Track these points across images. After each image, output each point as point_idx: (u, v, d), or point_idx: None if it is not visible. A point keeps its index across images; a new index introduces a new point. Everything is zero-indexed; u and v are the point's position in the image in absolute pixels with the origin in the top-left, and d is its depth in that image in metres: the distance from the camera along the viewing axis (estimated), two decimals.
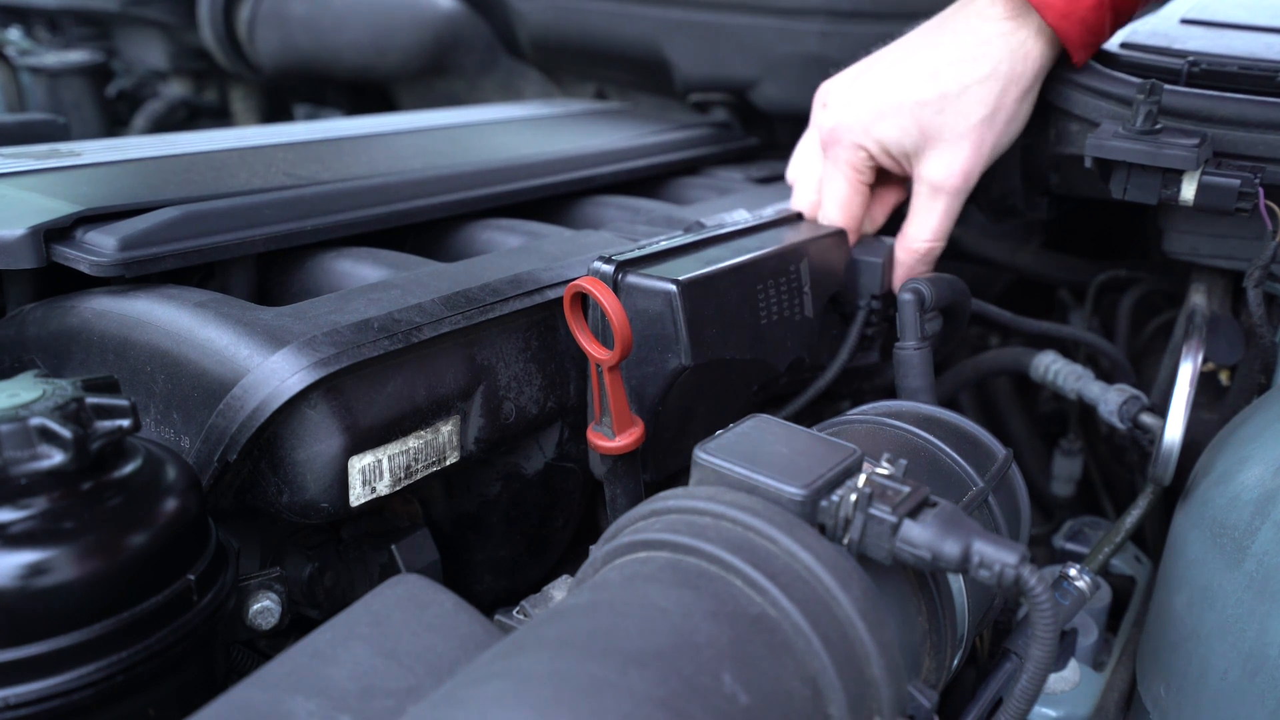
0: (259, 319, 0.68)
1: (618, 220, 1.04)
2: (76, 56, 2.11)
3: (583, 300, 0.69)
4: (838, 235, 0.90)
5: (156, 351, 0.67)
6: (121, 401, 0.55)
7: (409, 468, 0.70)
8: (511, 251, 0.86)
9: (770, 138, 1.44)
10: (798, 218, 0.94)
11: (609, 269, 0.74)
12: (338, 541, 0.77)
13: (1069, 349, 1.16)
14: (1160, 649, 0.71)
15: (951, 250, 0.96)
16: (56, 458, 0.52)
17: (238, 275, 0.83)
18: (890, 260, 0.91)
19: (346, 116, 1.72)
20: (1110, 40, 0.92)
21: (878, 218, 0.95)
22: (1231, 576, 0.64)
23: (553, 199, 1.09)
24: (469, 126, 1.25)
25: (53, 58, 2.09)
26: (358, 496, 0.67)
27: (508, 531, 0.85)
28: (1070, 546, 0.94)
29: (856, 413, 0.75)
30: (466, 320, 0.73)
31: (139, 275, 0.73)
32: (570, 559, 0.92)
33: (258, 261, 0.84)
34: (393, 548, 0.75)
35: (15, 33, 2.22)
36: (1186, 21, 1.04)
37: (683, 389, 0.76)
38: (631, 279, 0.74)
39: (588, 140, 1.20)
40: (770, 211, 0.95)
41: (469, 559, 0.85)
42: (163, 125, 2.13)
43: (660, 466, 0.79)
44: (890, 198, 0.95)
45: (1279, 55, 0.91)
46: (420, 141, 1.13)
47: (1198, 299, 0.95)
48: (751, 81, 1.38)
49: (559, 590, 0.66)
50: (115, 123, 2.23)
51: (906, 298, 0.82)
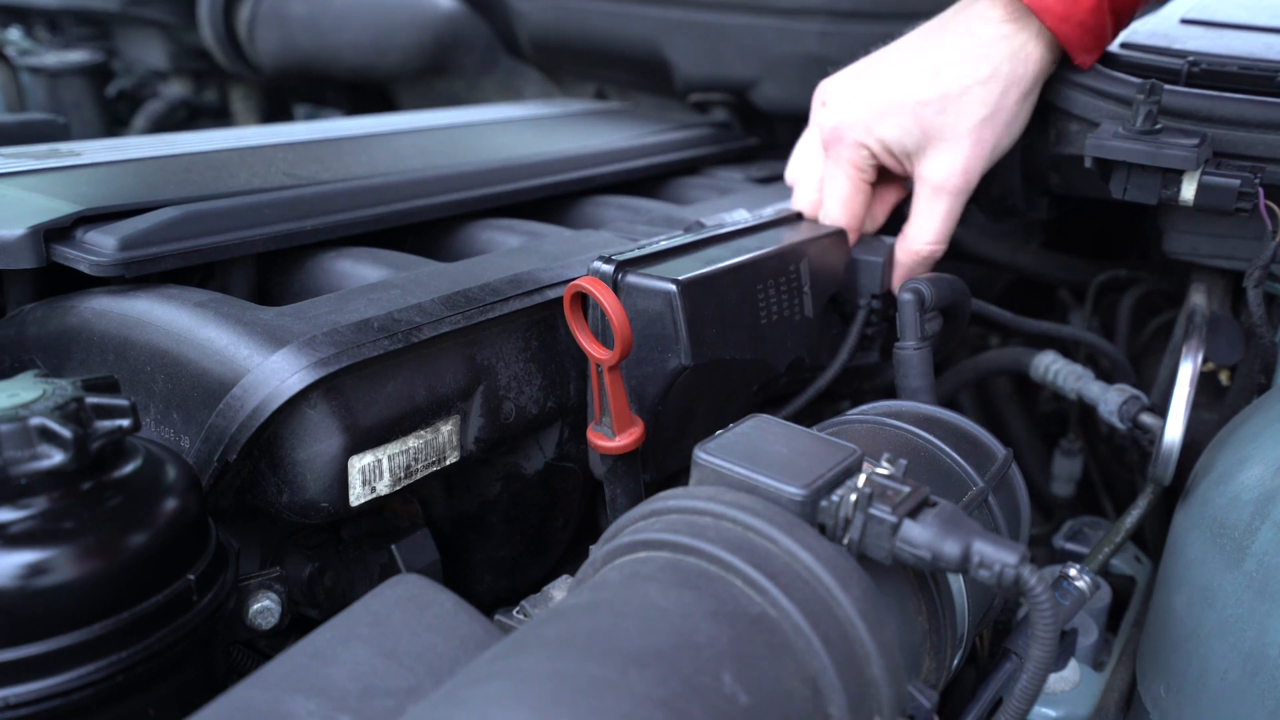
0: (259, 319, 0.68)
1: (618, 220, 1.04)
2: (76, 56, 2.11)
3: (583, 300, 0.69)
4: (838, 235, 0.90)
5: (156, 351, 0.67)
6: (121, 401, 0.55)
7: (409, 467, 0.70)
8: (511, 251, 0.86)
9: (770, 138, 1.44)
10: (798, 218, 0.94)
11: (609, 269, 0.74)
12: (338, 541, 0.77)
13: (1069, 349, 1.16)
14: (1160, 649, 0.71)
15: (951, 250, 0.96)
16: (56, 458, 0.52)
17: (238, 275, 0.83)
18: (890, 259, 0.91)
19: (346, 116, 1.72)
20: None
21: (879, 216, 0.95)
22: (1231, 576, 0.64)
23: (553, 199, 1.09)
24: (469, 126, 1.25)
25: (53, 58, 2.09)
26: (358, 496, 0.67)
27: (508, 531, 0.85)
28: (1070, 546, 0.94)
29: (856, 413, 0.75)
30: (466, 320, 0.73)
31: (139, 275, 0.73)
32: (570, 559, 0.91)
33: (258, 261, 0.84)
34: (393, 548, 0.75)
35: (15, 33, 2.22)
36: (1186, 21, 1.04)
37: (683, 389, 0.76)
38: (631, 279, 0.74)
39: (588, 140, 1.20)
40: (770, 211, 0.95)
41: (469, 559, 0.85)
42: (163, 125, 2.13)
43: (660, 466, 0.79)
44: (891, 197, 0.95)
45: (1279, 55, 0.91)
46: (420, 141, 1.13)
47: (1198, 299, 0.95)
48: (751, 81, 1.38)
49: (559, 590, 0.66)
50: (115, 123, 2.23)
51: (906, 298, 0.82)
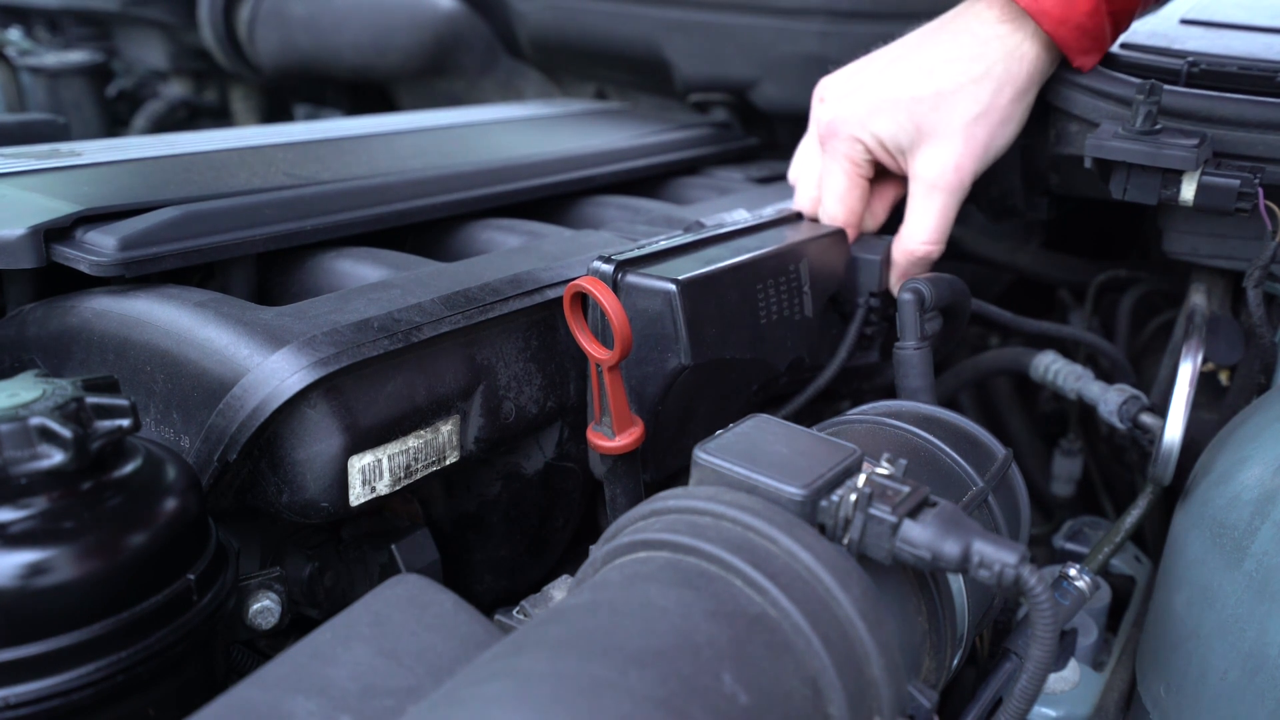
0: (259, 319, 0.68)
1: (618, 220, 1.04)
2: (76, 56, 2.11)
3: (583, 300, 0.69)
4: (837, 235, 0.90)
5: (156, 351, 0.67)
6: (121, 401, 0.55)
7: (409, 467, 0.70)
8: (511, 251, 0.86)
9: (770, 138, 1.44)
10: (797, 217, 0.94)
11: (609, 269, 0.74)
12: (338, 541, 0.77)
13: (1069, 349, 1.16)
14: (1160, 649, 0.71)
15: (951, 250, 0.96)
16: (56, 457, 0.52)
17: (238, 275, 0.83)
18: (889, 258, 0.91)
19: (346, 116, 1.72)
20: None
21: (879, 213, 0.95)
22: (1231, 576, 0.64)
23: (553, 199, 1.09)
24: (469, 126, 1.25)
25: (53, 58, 2.09)
26: (358, 496, 0.67)
27: (508, 531, 0.85)
28: (1070, 546, 0.93)
29: (856, 413, 0.75)
30: (466, 320, 0.73)
31: (139, 275, 0.73)
32: (570, 559, 0.91)
33: (258, 261, 0.84)
34: (393, 548, 0.75)
35: (15, 33, 2.22)
36: (1186, 22, 1.04)
37: (683, 389, 0.76)
38: (631, 279, 0.74)
39: (588, 140, 1.20)
40: (770, 211, 0.95)
41: (469, 559, 0.85)
42: (163, 125, 2.13)
43: (660, 466, 0.79)
44: (890, 194, 0.95)
45: (1278, 55, 0.91)
46: (420, 141, 1.13)
47: (1198, 299, 0.95)
48: (751, 81, 1.38)
49: (559, 590, 0.66)
50: (115, 123, 2.23)
51: (906, 297, 0.82)
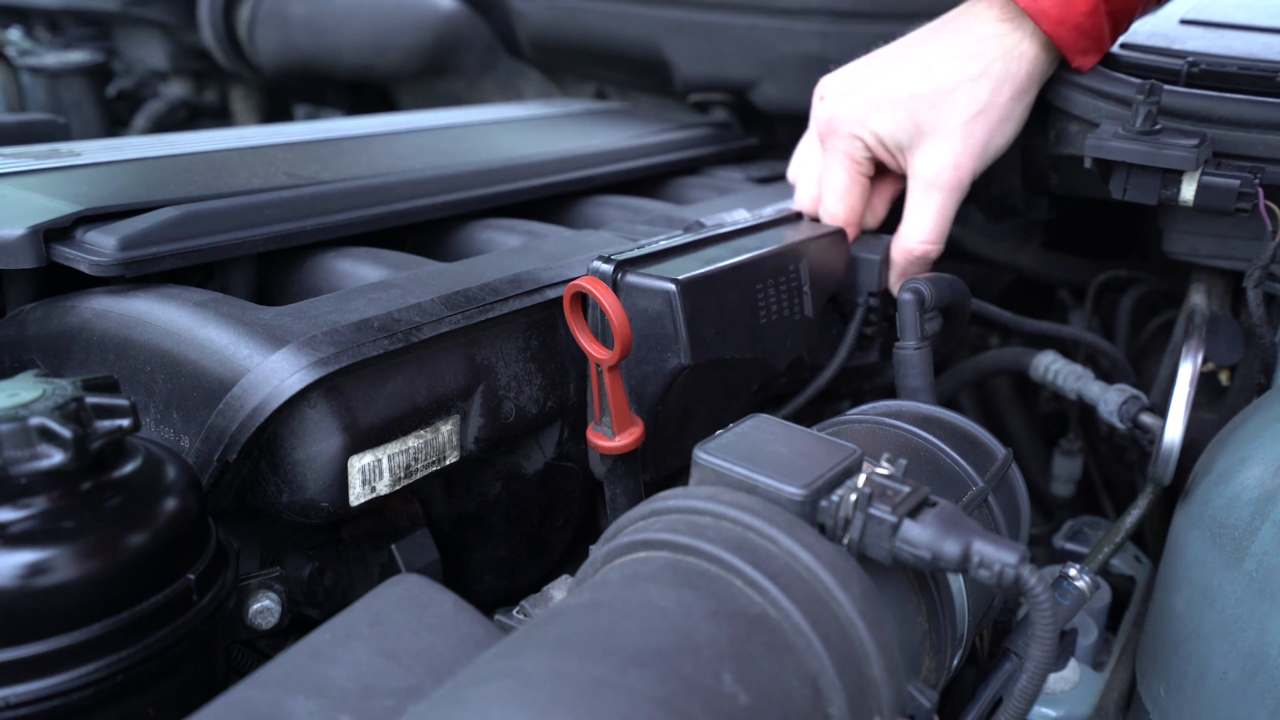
0: (259, 318, 0.68)
1: (618, 220, 1.04)
2: (76, 56, 2.11)
3: (582, 300, 0.69)
4: (837, 234, 0.90)
5: (156, 351, 0.67)
6: (121, 401, 0.55)
7: (409, 467, 0.70)
8: (511, 251, 0.86)
9: (770, 138, 1.44)
10: (797, 217, 0.94)
11: (608, 268, 0.74)
12: (338, 541, 0.77)
13: (1069, 349, 1.16)
14: (1160, 649, 0.71)
15: (951, 250, 0.96)
16: (56, 457, 0.52)
17: (238, 275, 0.83)
18: (889, 258, 0.91)
19: (346, 116, 1.72)
20: None
21: (878, 210, 0.95)
22: (1231, 576, 0.64)
23: (553, 199, 1.09)
24: (469, 126, 1.25)
25: (53, 58, 2.09)
26: (358, 496, 0.67)
27: (508, 531, 0.85)
28: (1070, 546, 0.93)
29: (856, 413, 0.75)
30: (466, 320, 0.73)
31: (139, 275, 0.73)
32: (570, 559, 0.91)
33: (258, 261, 0.84)
34: (393, 548, 0.75)
35: (15, 33, 2.22)
36: (1186, 22, 1.04)
37: (682, 388, 0.76)
38: (631, 278, 0.74)
39: (588, 140, 1.20)
40: (770, 211, 0.95)
41: (469, 559, 0.85)
42: (163, 125, 2.13)
43: (660, 466, 0.79)
44: (888, 190, 0.95)
45: (1278, 55, 0.91)
46: (420, 141, 1.13)
47: (1198, 299, 0.95)
48: (751, 81, 1.38)
49: (559, 590, 0.66)
50: (115, 123, 2.23)
51: (906, 297, 0.82)
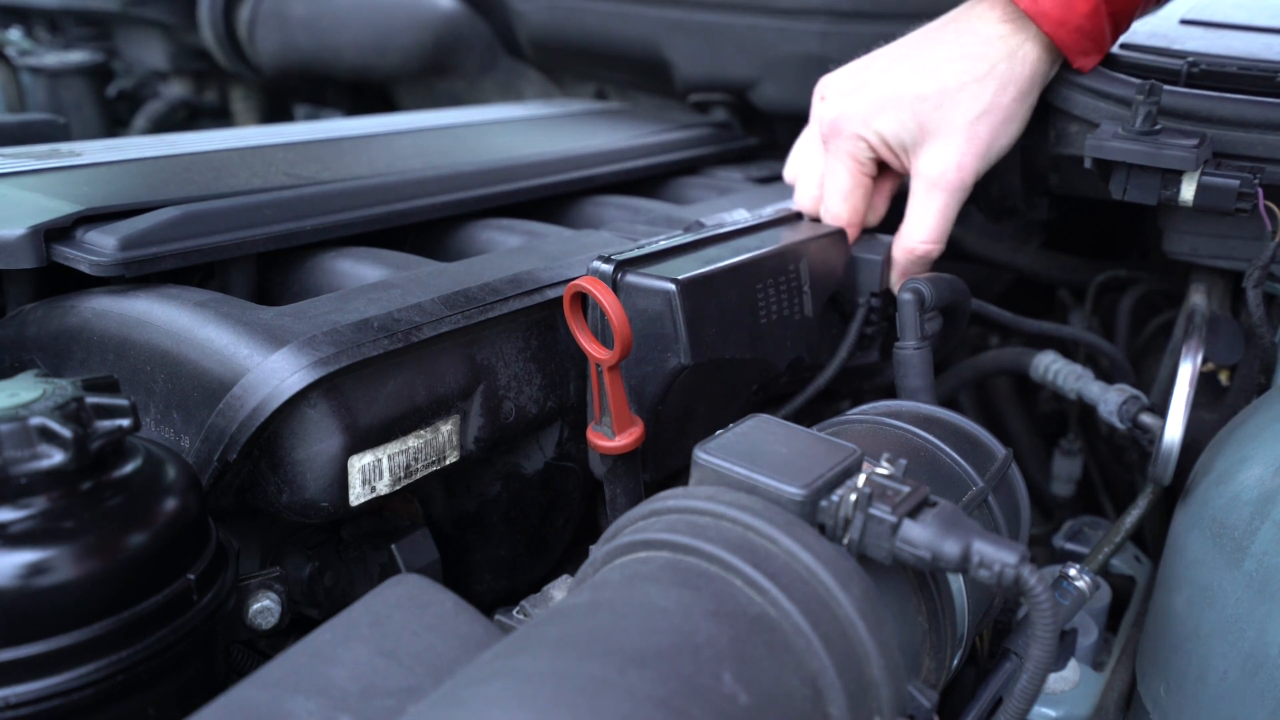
0: (259, 318, 0.68)
1: (618, 220, 1.04)
2: (76, 56, 2.11)
3: (582, 300, 0.69)
4: (837, 234, 0.90)
5: (156, 351, 0.67)
6: (121, 401, 0.55)
7: (409, 467, 0.70)
8: (511, 251, 0.86)
9: (770, 138, 1.44)
10: (797, 217, 0.94)
11: (608, 268, 0.74)
12: (338, 541, 0.77)
13: (1069, 349, 1.16)
14: (1160, 649, 0.71)
15: (951, 250, 0.96)
16: (56, 457, 0.52)
17: (238, 275, 0.83)
18: (889, 258, 0.91)
19: (346, 116, 1.72)
20: None
21: (879, 209, 0.95)
22: (1231, 576, 0.64)
23: (553, 199, 1.09)
24: (469, 126, 1.25)
25: (53, 58, 2.09)
26: (358, 496, 0.67)
27: (508, 531, 0.85)
28: (1070, 546, 0.93)
29: (856, 413, 0.75)
30: (466, 320, 0.73)
31: (139, 275, 0.73)
32: (570, 559, 0.91)
33: (258, 261, 0.84)
34: (393, 548, 0.75)
35: (15, 33, 2.22)
36: (1186, 22, 1.04)
37: (682, 388, 0.76)
38: (631, 278, 0.74)
39: (588, 140, 1.20)
40: (770, 211, 0.95)
41: (469, 559, 0.85)
42: (163, 125, 2.13)
43: (660, 466, 0.79)
44: (887, 188, 0.95)
45: (1278, 55, 0.91)
46: (420, 141, 1.13)
47: (1198, 299, 0.95)
48: (751, 81, 1.38)
49: (559, 590, 0.66)
50: (115, 123, 2.23)
51: (906, 297, 0.82)
